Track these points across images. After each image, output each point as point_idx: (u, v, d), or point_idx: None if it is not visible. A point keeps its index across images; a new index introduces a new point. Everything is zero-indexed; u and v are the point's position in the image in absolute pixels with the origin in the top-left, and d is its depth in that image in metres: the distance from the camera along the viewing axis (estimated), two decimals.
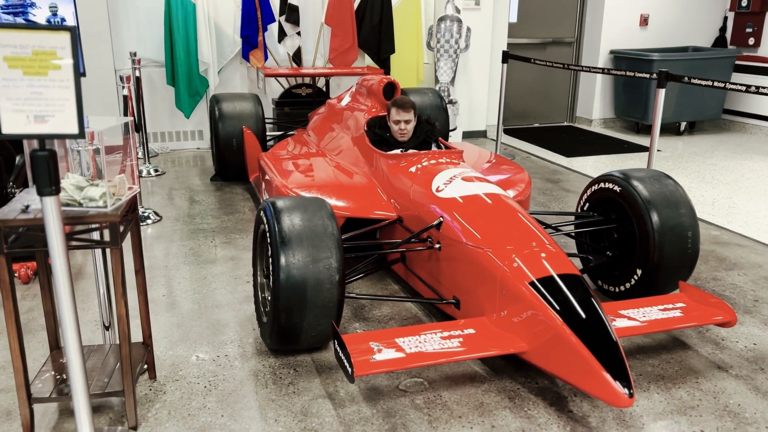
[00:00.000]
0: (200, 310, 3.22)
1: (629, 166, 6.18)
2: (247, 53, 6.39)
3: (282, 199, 2.77)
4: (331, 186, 3.72)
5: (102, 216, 2.07)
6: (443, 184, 3.14)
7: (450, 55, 6.80)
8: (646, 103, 7.30)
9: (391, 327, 3.06)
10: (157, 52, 6.34)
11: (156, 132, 6.61)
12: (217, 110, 5.28)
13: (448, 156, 3.50)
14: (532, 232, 2.71)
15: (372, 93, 4.31)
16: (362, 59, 6.86)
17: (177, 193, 5.19)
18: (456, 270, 2.86)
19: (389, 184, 3.56)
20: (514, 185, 3.86)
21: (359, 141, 4.07)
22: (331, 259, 2.58)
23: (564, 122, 8.42)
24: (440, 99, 5.86)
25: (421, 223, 3.15)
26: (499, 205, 2.92)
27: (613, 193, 3.24)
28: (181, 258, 3.88)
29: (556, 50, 8.09)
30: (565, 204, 5.01)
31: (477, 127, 7.50)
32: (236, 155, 5.27)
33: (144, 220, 4.48)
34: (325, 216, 2.68)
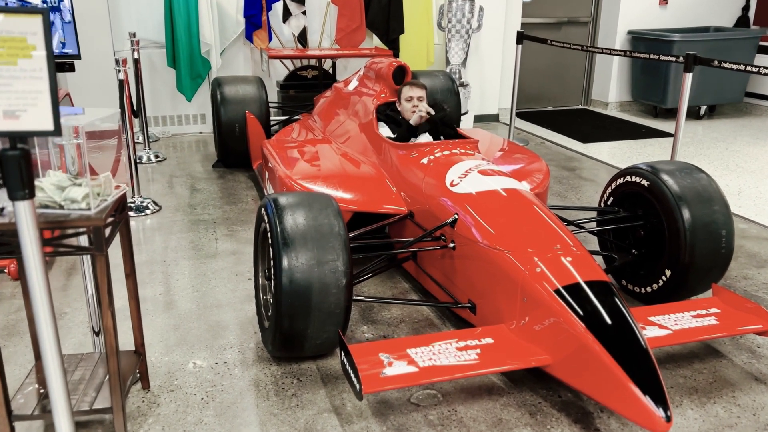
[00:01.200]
0: (199, 310, 3.04)
1: (649, 152, 5.94)
2: (250, 34, 6.14)
3: (284, 195, 2.57)
4: (337, 177, 3.52)
5: (84, 219, 1.88)
6: (458, 178, 2.93)
7: (461, 35, 6.53)
8: (666, 86, 7.02)
9: (401, 330, 2.87)
10: (158, 32, 6.11)
11: (157, 116, 6.40)
12: (218, 94, 5.06)
13: (462, 146, 3.28)
14: (555, 233, 2.49)
15: (381, 77, 4.08)
16: (370, 40, 6.60)
17: (178, 181, 4.99)
18: (472, 272, 2.66)
19: (399, 175, 3.35)
20: (530, 176, 3.64)
21: (367, 128, 3.85)
22: (338, 262, 2.38)
23: (578, 105, 8.14)
24: (451, 82, 5.61)
25: (434, 219, 2.94)
26: (519, 202, 2.70)
27: (640, 187, 3.01)
28: (180, 252, 3.69)
29: (571, 30, 7.79)
30: (583, 194, 4.78)
31: (489, 111, 7.24)
32: (239, 141, 5.06)
33: (143, 211, 4.29)
34: (332, 214, 2.47)
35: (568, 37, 7.66)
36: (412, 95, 3.54)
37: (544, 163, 3.93)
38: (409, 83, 3.62)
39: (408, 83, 3.62)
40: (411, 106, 3.54)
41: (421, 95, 3.55)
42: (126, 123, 4.19)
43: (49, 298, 1.67)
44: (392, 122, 3.65)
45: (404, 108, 3.58)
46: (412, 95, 3.54)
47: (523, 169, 3.82)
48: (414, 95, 3.54)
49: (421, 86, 3.58)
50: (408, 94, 3.55)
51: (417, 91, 3.55)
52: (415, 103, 3.54)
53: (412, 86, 3.58)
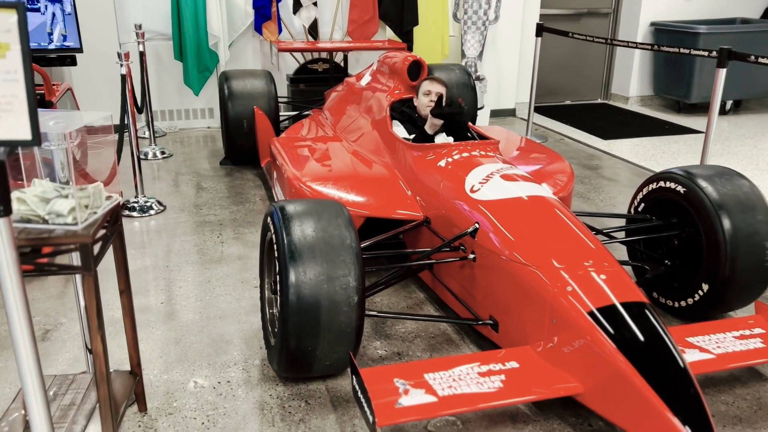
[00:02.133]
0: (202, 321, 2.86)
1: (673, 150, 5.69)
2: (259, 25, 5.94)
3: (292, 203, 2.38)
4: (348, 178, 3.32)
5: (70, 236, 1.70)
6: (479, 183, 2.72)
7: (478, 27, 6.29)
8: (690, 80, 6.75)
9: (416, 345, 2.68)
10: (164, 24, 5.92)
11: (164, 110, 6.23)
12: (226, 89, 4.87)
13: (482, 148, 3.07)
14: (586, 247, 2.29)
15: (395, 72, 3.87)
16: (383, 32, 6.39)
17: (183, 179, 4.82)
18: (494, 286, 2.46)
19: (415, 178, 3.15)
20: (553, 178, 3.43)
21: (380, 126, 3.64)
22: (349, 277, 2.19)
23: (598, 99, 7.89)
24: (468, 76, 5.38)
25: (452, 227, 2.74)
26: (546, 211, 2.50)
27: (674, 193, 2.79)
28: (184, 256, 3.52)
29: (591, 22, 7.52)
30: (606, 195, 4.56)
31: (505, 106, 7.01)
32: (247, 138, 4.87)
33: (146, 211, 4.12)
34: (343, 225, 2.28)
35: (587, 29, 7.39)
36: (431, 89, 3.36)
37: (567, 163, 3.71)
38: (430, 78, 3.44)
39: (429, 78, 3.45)
40: (428, 101, 3.35)
41: (441, 91, 3.36)
42: (129, 119, 4.02)
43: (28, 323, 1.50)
44: (408, 121, 3.45)
45: (421, 103, 3.39)
46: (431, 89, 3.36)
47: (544, 170, 3.61)
48: (433, 90, 3.36)
49: (442, 83, 3.40)
50: (427, 88, 3.38)
51: (437, 87, 3.37)
52: (432, 98, 3.35)
53: (432, 81, 3.39)
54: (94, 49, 5.49)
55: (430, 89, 3.36)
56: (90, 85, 5.68)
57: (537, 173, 3.46)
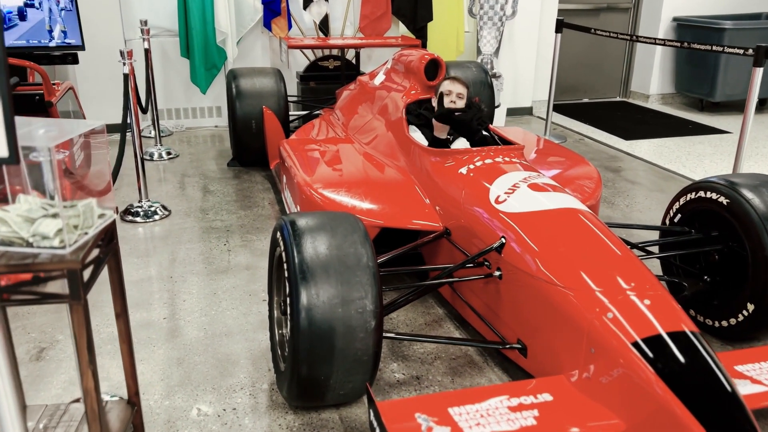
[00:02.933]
0: (206, 339, 2.68)
1: (699, 151, 5.45)
2: (269, 21, 5.75)
3: (303, 217, 2.19)
4: (362, 184, 3.13)
5: (57, 261, 1.51)
6: (504, 194, 2.52)
7: (494, 22, 6.08)
8: (714, 78, 6.51)
9: (436, 368, 2.49)
10: (171, 20, 5.74)
11: (170, 108, 6.05)
12: (233, 87, 4.69)
13: (506, 153, 2.87)
14: (627, 267, 2.09)
15: (411, 71, 3.67)
16: (396, 28, 6.18)
17: (190, 181, 4.64)
18: (523, 307, 2.27)
19: (433, 185, 2.96)
20: (579, 185, 3.22)
21: (395, 128, 3.45)
22: (366, 300, 2.00)
23: (617, 97, 7.65)
24: (485, 74, 5.18)
25: (475, 240, 2.54)
26: (580, 225, 2.29)
27: (716, 205, 2.58)
28: (189, 265, 3.34)
29: (610, 17, 7.28)
30: (632, 199, 4.34)
31: (522, 104, 6.79)
32: (255, 139, 4.69)
33: (151, 216, 3.94)
34: (359, 241, 2.09)
35: (607, 24, 7.16)
36: (451, 89, 3.18)
37: (593, 167, 3.51)
38: (452, 77, 3.26)
39: (451, 77, 3.26)
40: (448, 101, 3.16)
41: (462, 92, 3.17)
42: (132, 120, 3.84)
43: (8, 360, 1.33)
44: (426, 125, 3.25)
45: (443, 104, 3.19)
46: (451, 89, 3.18)
47: (568, 175, 3.41)
48: (454, 90, 3.17)
49: (464, 84, 3.21)
50: (448, 88, 3.19)
51: (458, 87, 3.18)
52: (453, 98, 3.16)
53: (454, 81, 3.20)
54: (99, 46, 5.33)
55: (450, 89, 3.17)
56: (94, 84, 5.51)
57: (560, 179, 3.25)
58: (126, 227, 3.82)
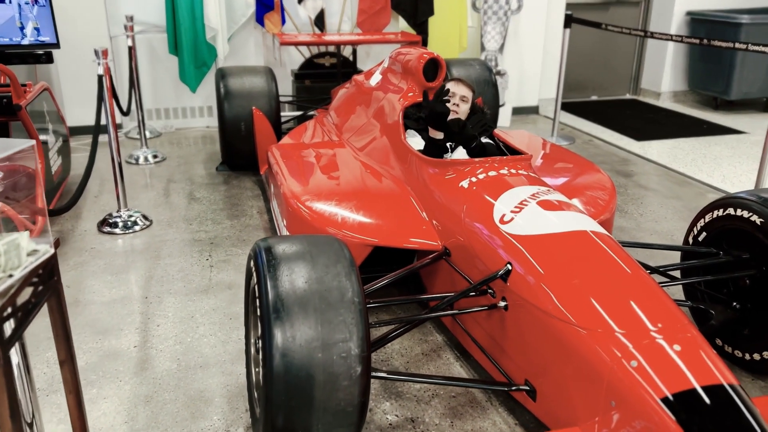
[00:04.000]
0: (179, 372, 2.42)
1: (716, 153, 5.15)
2: (261, 16, 5.48)
3: (280, 243, 1.92)
4: (353, 196, 2.85)
5: None
6: (510, 212, 2.24)
7: (499, 17, 5.78)
8: (730, 75, 6.20)
9: (434, 408, 2.22)
10: (158, 15, 5.46)
11: (159, 108, 5.78)
12: (222, 87, 4.41)
13: (513, 165, 2.59)
14: (653, 305, 1.80)
15: (409, 72, 3.39)
16: (395, 23, 5.90)
17: (175, 188, 4.37)
18: (531, 344, 1.99)
19: (431, 198, 2.68)
20: (591, 196, 2.94)
21: (392, 134, 3.17)
22: (350, 342, 1.73)
23: (626, 95, 7.34)
24: (488, 72, 4.90)
25: (478, 263, 2.27)
26: (597, 252, 2.01)
27: (748, 224, 2.30)
28: (167, 284, 3.08)
29: (620, 12, 6.97)
30: (646, 207, 4.05)
31: (528, 103, 6.49)
32: (245, 142, 4.41)
33: (130, 227, 3.67)
34: (343, 273, 1.81)
35: (617, 18, 6.85)
36: (455, 91, 2.92)
37: (606, 176, 3.22)
38: (455, 79, 3.00)
39: (455, 79, 3.01)
40: (451, 104, 2.88)
41: (466, 95, 2.92)
42: (109, 125, 3.57)
43: None
44: (426, 130, 2.98)
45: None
46: (455, 91, 2.92)
47: (578, 184, 3.13)
48: (458, 92, 2.92)
49: (468, 86, 2.96)
50: (451, 90, 2.93)
51: (462, 89, 2.93)
52: (456, 101, 2.90)
53: (458, 83, 2.95)
54: (81, 43, 5.06)
55: (454, 91, 2.90)
56: (77, 84, 5.25)
57: (570, 189, 2.98)
58: (103, 240, 3.55)
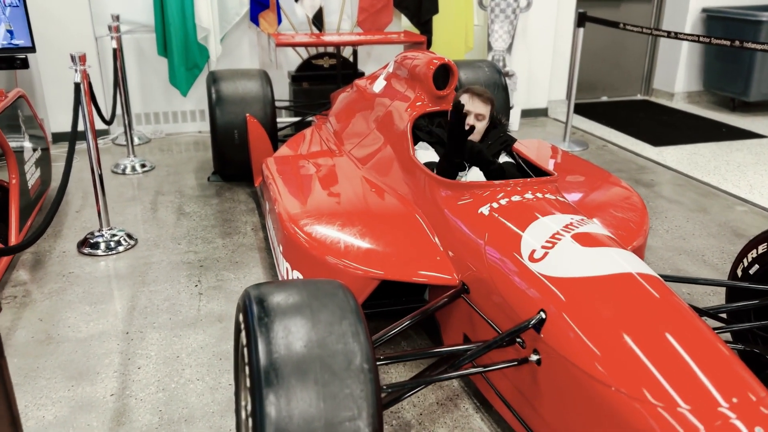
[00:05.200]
0: (161, 428, 2.12)
1: (739, 159, 4.86)
2: (256, 15, 5.17)
3: (274, 292, 1.62)
4: (357, 219, 2.53)
5: None
6: (542, 247, 1.94)
7: (507, 15, 5.47)
8: (749, 75, 5.91)
9: None
10: (147, 14, 5.15)
11: (148, 113, 5.47)
12: (213, 92, 4.10)
13: (539, 188, 2.28)
14: (723, 370, 1.51)
15: (417, 78, 3.08)
16: (398, 22, 5.59)
17: (163, 201, 4.06)
18: (570, 410, 1.69)
19: (445, 224, 2.38)
20: (620, 218, 2.64)
21: (399, 148, 2.87)
22: (359, 421, 1.42)
23: (638, 95, 7.05)
24: (498, 74, 4.61)
25: (504, 305, 1.97)
26: (648, 301, 1.71)
27: None
28: (150, 316, 2.78)
29: (632, 9, 6.67)
30: (671, 222, 3.75)
31: (537, 105, 6.19)
32: (238, 151, 4.11)
33: (114, 248, 3.37)
34: (350, 332, 1.51)
35: (629, 16, 6.55)
36: (470, 109, 2.57)
37: (634, 192, 2.92)
38: (471, 90, 2.61)
39: (470, 90, 2.62)
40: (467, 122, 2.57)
41: (483, 113, 2.58)
42: (88, 136, 3.26)
43: None
44: (439, 143, 2.67)
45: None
46: (470, 109, 2.57)
47: (598, 200, 2.84)
48: (473, 110, 2.57)
49: (485, 100, 2.59)
50: (465, 107, 2.57)
51: (479, 106, 2.58)
52: (470, 121, 2.57)
53: (474, 97, 2.58)
54: (65, 45, 4.76)
55: (469, 108, 2.57)
56: (60, 89, 4.93)
57: (593, 208, 2.68)
58: (83, 263, 3.25)
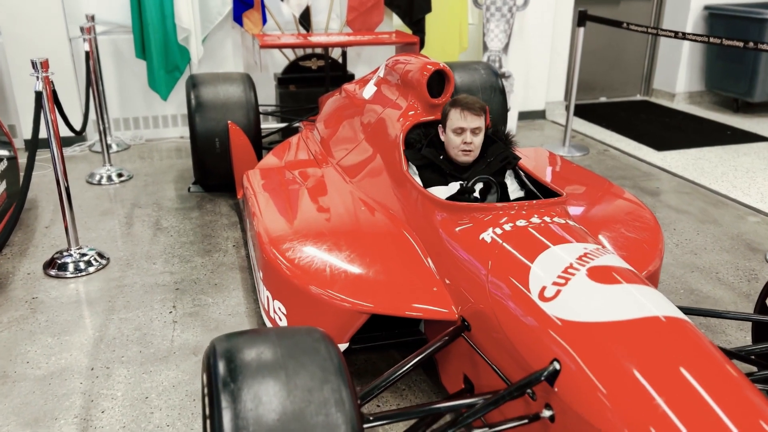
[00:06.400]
0: None
1: (747, 165, 4.65)
2: (239, 15, 4.92)
3: (244, 347, 1.38)
4: (344, 243, 2.28)
5: None
6: (553, 284, 1.70)
7: (503, 14, 5.23)
8: (754, 75, 5.70)
9: None
10: (124, 13, 4.88)
11: (127, 117, 5.20)
12: (193, 98, 3.85)
13: (546, 211, 2.05)
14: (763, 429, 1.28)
15: (410, 85, 2.83)
16: (389, 21, 5.34)
17: (140, 214, 3.80)
18: None
19: (442, 250, 2.14)
20: (631, 239, 2.41)
21: (390, 161, 2.63)
22: None
23: (637, 96, 6.83)
24: (495, 76, 4.37)
25: (512, 351, 1.73)
26: (680, 350, 1.47)
27: None
28: (119, 348, 2.53)
29: (632, 6, 6.44)
30: (681, 236, 3.53)
31: (534, 107, 5.95)
32: (220, 160, 3.86)
33: (83, 270, 3.11)
34: (333, 399, 1.27)
35: (629, 14, 6.34)
36: (464, 126, 2.29)
37: (647, 208, 2.69)
38: (460, 103, 2.30)
39: (459, 103, 2.31)
40: (460, 142, 2.29)
41: (478, 126, 2.30)
42: (53, 146, 3.00)
43: None
44: (429, 166, 2.40)
45: (449, 141, 2.34)
46: (464, 126, 2.29)
47: (606, 219, 2.59)
48: (467, 126, 2.29)
49: (477, 112, 2.29)
50: (457, 124, 2.29)
51: (472, 120, 2.28)
52: (467, 139, 2.29)
53: (464, 111, 2.28)
54: (38, 46, 4.51)
55: (462, 126, 2.28)
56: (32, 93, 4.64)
57: (598, 225, 2.45)
58: (48, 286, 2.99)
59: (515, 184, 2.42)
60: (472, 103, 2.29)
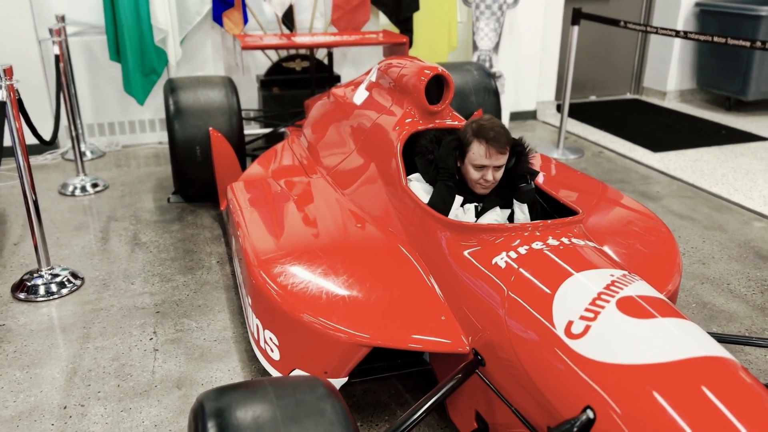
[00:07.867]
0: None
1: (746, 166, 4.53)
2: (219, 14, 4.69)
3: (237, 404, 1.19)
4: (341, 265, 2.09)
5: None
6: (580, 318, 1.53)
7: (493, 12, 5.07)
8: (747, 73, 5.60)
9: None
10: (97, 13, 4.63)
11: (102, 123, 4.95)
12: (171, 104, 3.62)
13: (563, 232, 1.87)
14: None
15: (406, 91, 2.64)
16: (376, 20, 5.15)
17: (116, 228, 3.58)
18: None
19: (450, 275, 1.96)
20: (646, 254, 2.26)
21: (387, 174, 2.44)
22: None
23: (627, 94, 6.71)
24: (488, 77, 4.21)
25: (536, 394, 1.56)
26: (731, 396, 1.31)
27: None
28: (94, 382, 2.31)
29: (621, 3, 6.31)
30: (686, 243, 3.38)
31: (525, 107, 5.80)
32: (201, 169, 3.64)
33: (55, 292, 2.88)
34: None
35: (618, 11, 6.21)
36: (487, 164, 2.05)
37: (658, 219, 2.54)
38: (485, 136, 2.01)
39: (483, 135, 2.01)
40: (480, 177, 2.08)
41: (501, 164, 2.07)
42: (19, 158, 2.78)
43: None
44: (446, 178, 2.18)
45: (468, 172, 2.11)
46: (487, 164, 2.05)
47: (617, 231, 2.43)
48: (491, 164, 2.05)
49: (503, 148, 2.03)
50: (479, 162, 2.04)
51: (497, 159, 2.04)
52: (488, 176, 2.07)
53: (490, 148, 2.01)
54: (4, 49, 4.25)
55: (484, 163, 2.04)
56: None
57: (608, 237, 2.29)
58: (17, 312, 2.76)
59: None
60: (497, 137, 2.02)
